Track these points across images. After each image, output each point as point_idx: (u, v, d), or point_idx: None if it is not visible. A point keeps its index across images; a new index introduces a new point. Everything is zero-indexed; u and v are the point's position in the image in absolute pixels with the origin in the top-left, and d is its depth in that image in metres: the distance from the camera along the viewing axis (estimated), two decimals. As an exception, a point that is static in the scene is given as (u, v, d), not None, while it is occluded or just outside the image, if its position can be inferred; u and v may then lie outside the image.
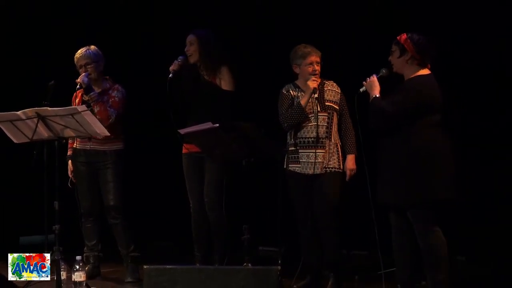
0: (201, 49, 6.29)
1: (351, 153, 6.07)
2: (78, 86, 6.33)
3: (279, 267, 5.08)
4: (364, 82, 5.60)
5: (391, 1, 7.00)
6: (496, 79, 6.67)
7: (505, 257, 6.53)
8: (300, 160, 6.03)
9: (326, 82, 6.14)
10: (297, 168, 6.05)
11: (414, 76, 5.49)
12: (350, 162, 6.06)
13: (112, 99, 6.40)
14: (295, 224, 6.12)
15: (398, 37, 5.53)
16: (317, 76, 6.05)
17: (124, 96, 6.45)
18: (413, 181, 5.35)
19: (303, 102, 6.01)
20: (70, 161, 6.59)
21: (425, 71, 5.51)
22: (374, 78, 5.58)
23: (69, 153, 6.60)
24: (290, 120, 6.03)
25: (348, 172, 6.04)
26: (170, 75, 6.17)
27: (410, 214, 5.43)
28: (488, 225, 6.65)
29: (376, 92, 5.52)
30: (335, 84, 6.15)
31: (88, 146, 6.45)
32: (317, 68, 6.05)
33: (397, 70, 5.57)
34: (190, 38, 6.34)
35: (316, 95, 6.05)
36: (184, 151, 6.44)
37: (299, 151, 6.04)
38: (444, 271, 5.39)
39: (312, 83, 6.00)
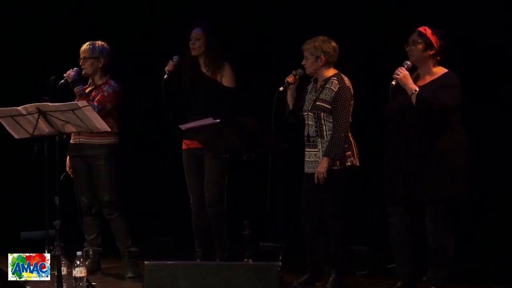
0: (208, 44, 6.28)
1: (323, 155, 5.77)
2: (62, 81, 6.25)
3: (280, 263, 5.07)
4: (395, 75, 5.40)
5: (391, 1, 6.98)
6: (501, 76, 6.65)
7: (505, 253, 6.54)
8: (305, 159, 5.99)
9: (332, 79, 5.86)
10: (305, 165, 6.01)
11: (446, 72, 5.44)
12: (319, 165, 5.78)
13: (101, 93, 6.38)
14: (299, 219, 6.10)
15: (422, 29, 5.42)
16: (306, 69, 5.89)
17: (115, 91, 6.40)
18: (450, 175, 5.32)
19: (288, 97, 5.98)
20: (68, 156, 6.60)
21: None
22: (406, 72, 5.42)
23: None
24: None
25: (315, 175, 5.78)
26: (165, 76, 6.17)
27: (432, 209, 5.39)
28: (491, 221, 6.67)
29: (414, 85, 5.39)
30: (336, 82, 5.82)
31: (78, 139, 6.45)
32: (304, 62, 5.88)
33: (415, 62, 5.47)
34: (197, 32, 6.30)
35: (318, 92, 5.91)
36: (184, 147, 6.44)
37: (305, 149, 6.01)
38: (447, 268, 5.43)
39: (287, 78, 5.92)
